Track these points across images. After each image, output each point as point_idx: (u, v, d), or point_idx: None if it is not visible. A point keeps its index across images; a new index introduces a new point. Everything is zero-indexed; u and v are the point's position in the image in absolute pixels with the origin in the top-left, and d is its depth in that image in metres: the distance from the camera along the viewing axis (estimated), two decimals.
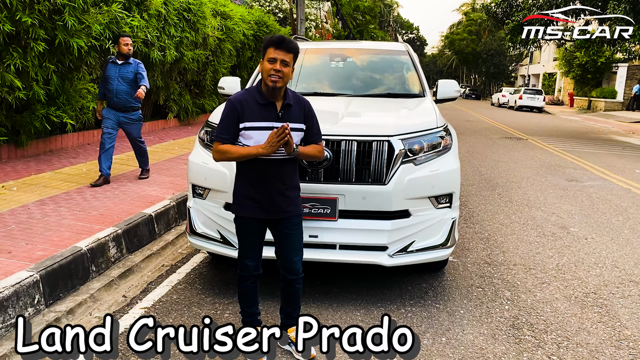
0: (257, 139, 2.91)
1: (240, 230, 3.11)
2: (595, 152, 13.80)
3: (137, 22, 8.11)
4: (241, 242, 3.13)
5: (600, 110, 35.39)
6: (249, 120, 2.91)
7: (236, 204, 3.07)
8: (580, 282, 4.59)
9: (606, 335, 3.63)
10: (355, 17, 46.30)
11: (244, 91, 3.04)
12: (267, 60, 2.88)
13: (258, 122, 2.92)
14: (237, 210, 3.07)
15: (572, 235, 5.97)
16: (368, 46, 6.51)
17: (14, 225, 4.63)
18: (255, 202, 3.00)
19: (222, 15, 12.67)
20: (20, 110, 6.92)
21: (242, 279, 3.18)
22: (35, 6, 6.18)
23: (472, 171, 10.01)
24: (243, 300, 3.23)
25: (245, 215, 3.04)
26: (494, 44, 59.31)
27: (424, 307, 3.96)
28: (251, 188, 3.00)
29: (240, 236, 3.12)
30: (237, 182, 3.08)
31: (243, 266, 3.15)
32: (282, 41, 2.89)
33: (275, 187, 3.00)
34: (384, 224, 3.73)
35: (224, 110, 2.97)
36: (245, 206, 3.02)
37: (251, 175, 2.99)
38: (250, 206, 3.01)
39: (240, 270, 3.17)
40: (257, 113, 2.92)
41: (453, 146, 4.18)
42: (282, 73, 2.87)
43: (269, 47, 2.90)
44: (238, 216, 3.08)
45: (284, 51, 2.87)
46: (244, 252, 3.13)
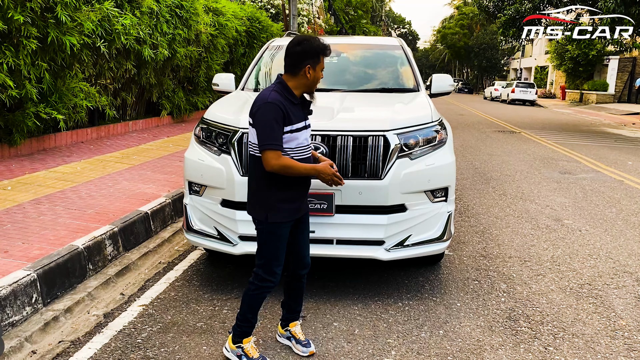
0: (300, 139, 2.89)
1: (275, 237, 2.94)
2: (588, 145, 13.88)
3: (129, 19, 8.06)
4: (276, 248, 2.95)
5: (592, 102, 35.57)
6: (294, 123, 2.85)
7: (272, 209, 2.90)
8: (575, 274, 4.63)
9: (601, 326, 3.67)
10: (348, 12, 46.20)
11: (273, 92, 2.85)
12: (322, 70, 2.95)
13: (299, 123, 2.89)
14: (275, 216, 2.90)
15: (566, 228, 6.01)
16: (362, 41, 6.51)
17: (9, 225, 4.61)
18: (294, 203, 2.95)
19: (215, 12, 12.61)
20: (13, 109, 6.88)
21: (264, 290, 2.98)
22: (27, 4, 6.13)
23: (466, 165, 10.05)
24: (253, 311, 3.03)
25: (284, 220, 2.93)
26: (486, 38, 59.41)
27: (421, 301, 3.98)
28: (290, 190, 2.92)
29: (275, 243, 2.95)
30: (273, 187, 2.90)
31: (271, 275, 2.97)
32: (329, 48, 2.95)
33: (308, 186, 3.07)
34: (381, 219, 3.75)
35: (270, 115, 2.77)
36: (282, 211, 2.91)
37: (290, 178, 2.90)
38: (289, 209, 2.93)
39: (263, 281, 2.96)
40: (296, 114, 2.89)
41: (448, 140, 4.20)
42: None
43: (321, 54, 2.90)
44: (276, 223, 2.91)
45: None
46: (278, 259, 2.97)
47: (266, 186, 2.90)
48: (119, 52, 8.72)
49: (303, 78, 2.89)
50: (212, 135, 4.03)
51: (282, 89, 2.89)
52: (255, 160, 2.91)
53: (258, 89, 5.38)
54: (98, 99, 8.35)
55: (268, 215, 2.90)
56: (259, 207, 2.94)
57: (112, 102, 9.47)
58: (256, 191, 2.96)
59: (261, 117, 2.78)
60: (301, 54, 2.87)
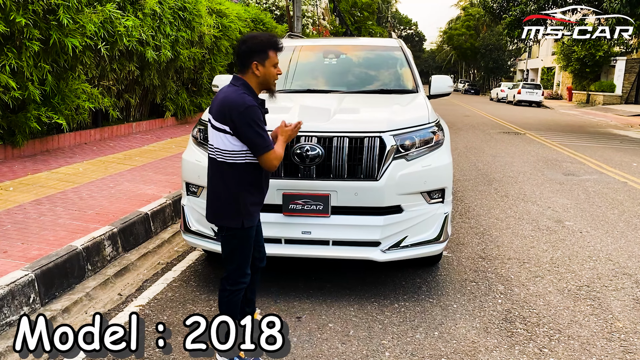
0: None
1: (247, 241, 2.92)
2: (593, 146, 13.82)
3: (132, 21, 8.11)
4: (247, 252, 2.94)
5: (599, 104, 35.39)
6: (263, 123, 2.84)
7: (247, 214, 2.86)
8: (573, 276, 4.61)
9: (598, 328, 3.66)
10: (353, 14, 46.24)
11: (244, 94, 2.76)
12: (273, 66, 2.84)
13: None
14: (250, 221, 2.87)
15: (567, 229, 5.99)
16: (361, 42, 6.51)
17: (9, 225, 4.65)
18: (259, 205, 2.96)
19: (218, 13, 12.67)
20: (17, 110, 6.93)
21: (237, 293, 2.97)
22: (29, 6, 6.19)
23: (469, 166, 10.03)
24: (235, 315, 2.97)
25: (255, 222, 2.93)
26: (493, 39, 59.23)
27: (418, 302, 3.98)
28: (257, 192, 2.91)
29: (247, 246, 2.94)
30: (246, 192, 2.86)
31: (243, 277, 2.96)
32: (282, 45, 2.87)
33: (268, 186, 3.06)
34: (377, 220, 3.75)
35: (257, 117, 2.71)
36: (254, 214, 2.90)
37: (257, 180, 2.88)
38: (256, 212, 2.93)
39: (236, 285, 2.95)
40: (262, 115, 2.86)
41: (445, 141, 4.20)
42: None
43: (270, 49, 2.81)
44: (251, 227, 2.89)
45: (279, 52, 2.88)
46: (246, 262, 2.96)
47: (240, 192, 2.84)
48: (122, 53, 8.76)
49: (253, 76, 2.82)
50: None
51: (247, 90, 2.81)
52: (225, 166, 2.81)
53: None
54: (101, 100, 8.40)
55: (244, 222, 2.85)
56: (233, 214, 2.85)
57: (115, 104, 9.52)
58: (228, 199, 2.85)
59: (249, 118, 2.69)
60: (247, 52, 2.81)
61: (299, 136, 3.72)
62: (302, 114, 4.04)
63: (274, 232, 3.81)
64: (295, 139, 3.71)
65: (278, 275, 4.41)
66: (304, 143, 3.69)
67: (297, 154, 3.68)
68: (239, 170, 2.80)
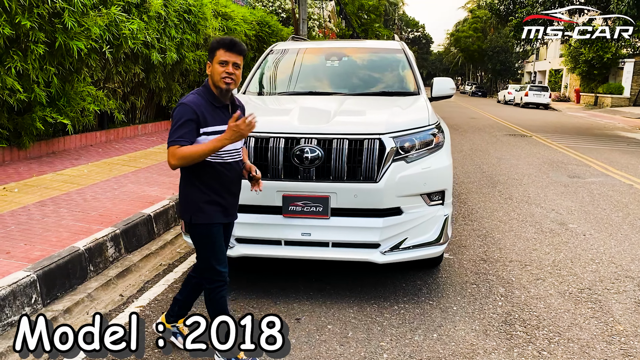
0: None
1: (208, 237, 2.95)
2: (599, 148, 13.75)
3: (137, 24, 8.17)
4: (211, 249, 2.96)
5: (607, 106, 35.19)
6: (210, 125, 2.84)
7: (197, 210, 2.91)
8: (575, 278, 4.60)
9: (598, 331, 3.64)
10: (360, 16, 46.24)
11: (196, 96, 2.88)
12: (218, 63, 2.84)
13: (217, 126, 2.86)
14: (200, 218, 2.91)
15: (571, 232, 5.96)
16: (364, 45, 6.53)
17: (13, 226, 4.69)
18: (219, 206, 2.94)
19: (224, 16, 12.71)
20: (23, 112, 7.00)
21: (217, 290, 2.98)
22: (35, 10, 6.25)
23: (474, 168, 10.00)
24: (222, 310, 2.99)
25: (212, 222, 2.93)
26: (500, 41, 59.05)
27: (417, 304, 3.98)
28: (213, 193, 2.92)
29: (208, 243, 2.95)
30: (192, 188, 2.92)
31: (217, 275, 2.97)
32: (234, 44, 2.86)
33: (236, 190, 3.04)
34: (376, 222, 3.76)
35: (183, 115, 2.79)
36: (208, 212, 2.92)
37: (212, 180, 2.90)
38: (215, 212, 2.93)
39: (212, 283, 2.97)
40: (215, 117, 2.88)
41: (445, 143, 4.20)
42: (234, 75, 2.86)
43: (218, 49, 2.85)
44: (203, 224, 2.92)
45: (235, 54, 2.86)
46: (217, 259, 2.97)
47: (190, 187, 2.92)
48: (127, 56, 8.82)
49: (210, 76, 2.90)
50: None
51: (205, 90, 2.92)
52: None
53: (261, 93, 5.43)
54: (106, 102, 8.46)
55: (192, 217, 2.92)
56: (184, 208, 2.96)
57: (121, 106, 9.58)
58: (181, 193, 2.98)
59: (173, 118, 2.81)
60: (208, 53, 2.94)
61: (299, 138, 3.73)
62: (303, 115, 4.06)
63: (274, 234, 3.83)
64: (295, 141, 3.73)
65: (278, 277, 4.42)
66: (303, 145, 3.70)
67: (297, 155, 3.69)
68: (190, 167, 2.87)
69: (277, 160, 3.75)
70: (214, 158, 2.86)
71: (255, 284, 4.30)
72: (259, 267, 4.67)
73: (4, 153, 7.09)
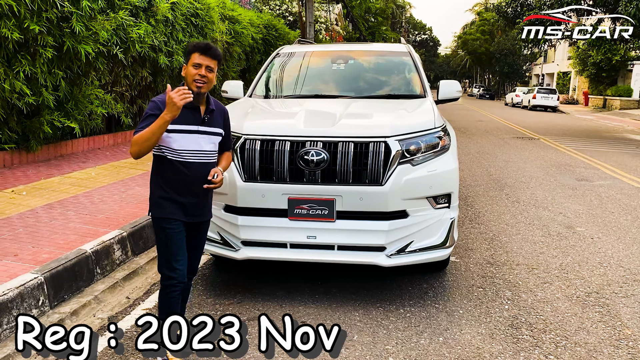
0: (183, 142, 2.91)
1: (164, 233, 2.97)
2: (608, 151, 13.66)
3: (144, 28, 8.21)
4: (167, 243, 2.98)
5: (615, 108, 34.98)
6: (176, 124, 2.86)
7: (154, 204, 3.00)
8: (583, 282, 4.57)
9: (606, 335, 3.61)
10: (367, 19, 46.28)
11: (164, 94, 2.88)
12: (192, 66, 2.89)
13: (184, 125, 2.90)
14: (156, 211, 2.98)
15: (578, 235, 5.93)
16: (370, 48, 6.53)
17: (21, 229, 4.72)
18: (177, 204, 2.96)
19: (231, 20, 12.76)
20: (31, 116, 7.05)
21: (169, 288, 2.99)
22: (43, 14, 6.30)
23: (481, 171, 9.97)
24: (168, 313, 2.97)
25: (166, 216, 2.96)
26: (508, 44, 58.89)
27: (423, 307, 3.97)
28: (171, 190, 2.95)
29: (165, 238, 2.98)
30: (154, 183, 3.02)
31: (171, 271, 2.97)
32: (209, 48, 2.91)
33: (198, 191, 3.00)
34: (382, 225, 3.75)
35: (150, 109, 2.86)
36: (165, 207, 2.96)
37: (171, 177, 2.95)
38: (172, 207, 2.96)
39: (167, 279, 2.99)
40: (183, 117, 2.88)
41: (451, 146, 4.19)
42: (207, 78, 2.89)
43: (193, 52, 2.90)
44: (158, 218, 2.98)
45: (209, 57, 2.90)
46: (173, 254, 2.97)
47: (153, 182, 3.03)
48: (135, 59, 8.87)
49: (184, 77, 2.95)
50: None
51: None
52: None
53: (267, 96, 5.44)
54: (114, 106, 8.51)
55: (151, 210, 3.02)
56: (150, 202, 3.05)
57: (128, 109, 9.63)
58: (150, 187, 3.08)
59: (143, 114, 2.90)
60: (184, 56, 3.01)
61: (305, 141, 3.74)
62: (308, 118, 4.07)
63: (280, 237, 3.83)
64: (301, 144, 3.74)
65: (284, 280, 4.43)
66: (309, 148, 3.71)
67: (302, 158, 3.70)
68: (154, 161, 3.01)
69: (283, 163, 3.75)
70: (173, 155, 2.92)
71: (261, 287, 4.30)
72: (264, 270, 4.67)
73: (13, 156, 7.15)
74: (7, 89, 6.22)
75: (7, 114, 6.62)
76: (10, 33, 5.99)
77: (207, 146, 3.02)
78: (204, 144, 2.99)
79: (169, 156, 2.92)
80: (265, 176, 3.79)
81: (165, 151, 2.93)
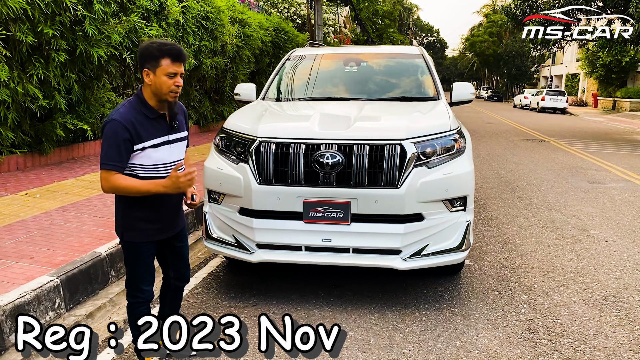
0: (156, 156, 2.68)
1: (134, 256, 2.83)
2: (619, 153, 13.57)
3: (156, 31, 8.25)
4: (136, 267, 2.86)
5: (625, 110, 34.75)
6: (146, 140, 2.62)
7: (128, 228, 2.78)
8: (599, 285, 4.53)
9: (625, 339, 3.58)
10: (375, 22, 46.29)
11: (127, 108, 2.62)
12: (166, 75, 2.57)
13: (154, 139, 2.66)
14: (130, 236, 2.78)
15: (592, 238, 5.88)
16: (382, 50, 6.52)
17: (36, 232, 4.74)
18: (155, 224, 2.80)
19: (240, 23, 12.79)
20: (43, 119, 7.10)
21: (136, 305, 2.92)
22: (57, 18, 6.34)
23: (492, 174, 9.92)
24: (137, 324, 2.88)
25: (141, 240, 2.79)
26: (515, 46, 58.65)
27: (439, 311, 3.94)
28: (149, 209, 2.75)
29: (135, 261, 2.85)
30: (123, 204, 2.76)
31: (138, 292, 2.89)
32: (181, 54, 2.62)
33: (174, 207, 2.89)
34: (397, 228, 3.73)
35: (113, 134, 2.54)
36: (140, 230, 2.77)
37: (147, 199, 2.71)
38: (147, 230, 2.78)
39: (133, 297, 2.91)
40: (151, 130, 2.65)
41: (467, 149, 4.17)
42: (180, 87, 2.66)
43: (162, 58, 2.56)
44: (132, 242, 2.80)
45: (181, 63, 2.63)
46: (140, 277, 2.88)
47: (124, 203, 2.75)
48: None
49: (147, 85, 2.63)
50: (231, 144, 4.08)
51: (137, 100, 2.67)
52: None
53: (280, 99, 5.44)
54: None
55: (123, 234, 2.79)
56: (117, 224, 2.82)
57: None
58: (116, 208, 2.81)
59: (104, 136, 2.58)
60: (139, 57, 2.64)
61: (320, 144, 3.73)
62: (323, 121, 4.06)
63: (295, 240, 3.82)
64: (316, 147, 3.73)
65: (298, 283, 4.42)
66: (324, 150, 3.70)
67: (317, 161, 3.69)
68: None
69: (298, 166, 3.74)
70: (146, 172, 2.68)
71: (276, 290, 4.30)
72: (279, 272, 4.66)
73: (26, 159, 7.19)
74: (21, 92, 6.26)
75: (20, 118, 6.67)
76: (24, 37, 6.04)
77: (179, 154, 2.84)
78: (176, 153, 2.80)
79: (141, 174, 2.67)
80: (280, 179, 3.79)
81: (136, 170, 2.66)
